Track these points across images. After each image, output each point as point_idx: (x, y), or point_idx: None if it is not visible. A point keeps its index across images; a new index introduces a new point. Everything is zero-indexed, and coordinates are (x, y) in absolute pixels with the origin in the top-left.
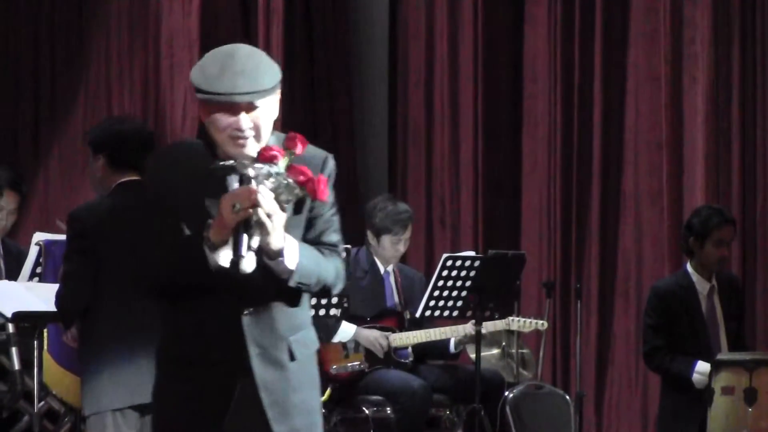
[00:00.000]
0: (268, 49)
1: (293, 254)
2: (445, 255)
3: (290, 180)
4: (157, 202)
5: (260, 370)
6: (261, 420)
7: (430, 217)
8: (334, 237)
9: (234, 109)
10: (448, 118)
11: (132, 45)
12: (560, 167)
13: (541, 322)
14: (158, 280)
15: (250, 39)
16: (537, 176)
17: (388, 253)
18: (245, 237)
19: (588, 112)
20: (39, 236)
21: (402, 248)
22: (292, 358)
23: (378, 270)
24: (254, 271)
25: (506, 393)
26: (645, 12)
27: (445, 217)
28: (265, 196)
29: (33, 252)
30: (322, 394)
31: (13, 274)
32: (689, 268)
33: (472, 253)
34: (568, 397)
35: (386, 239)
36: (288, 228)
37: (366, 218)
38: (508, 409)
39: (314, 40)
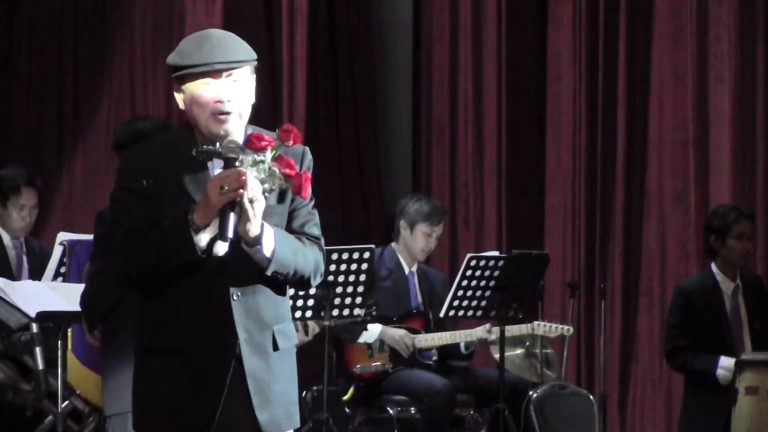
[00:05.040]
0: (291, 49)
1: (270, 242)
2: (469, 255)
3: (276, 170)
4: (138, 189)
5: (247, 355)
6: (246, 407)
7: (454, 217)
8: (315, 230)
9: (214, 78)
10: (471, 118)
11: (155, 44)
12: (584, 167)
13: (567, 327)
14: (144, 267)
15: (274, 39)
16: (561, 176)
17: (419, 246)
18: (232, 218)
19: (612, 112)
20: (63, 236)
21: (432, 244)
22: (276, 347)
23: (402, 270)
24: (237, 257)
25: (530, 393)
26: (669, 11)
27: (469, 217)
28: (252, 181)
29: (57, 252)
30: (345, 393)
31: (36, 273)
32: (714, 267)
33: (495, 253)
34: (592, 396)
35: (420, 229)
36: (270, 217)
37: (399, 212)
38: (532, 408)
39: (338, 40)
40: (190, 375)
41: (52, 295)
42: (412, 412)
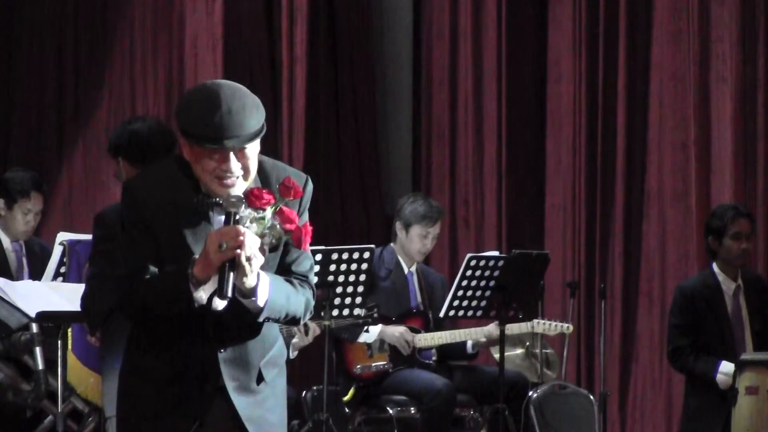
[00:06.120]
0: (291, 49)
1: (264, 292)
2: (469, 255)
3: (277, 224)
4: (141, 227)
5: (240, 401)
6: None
7: (454, 217)
8: (306, 264)
9: (222, 153)
10: (471, 118)
11: (156, 44)
12: (584, 167)
13: (567, 325)
14: (142, 311)
15: (274, 38)
16: (561, 176)
17: (415, 247)
18: (232, 276)
19: (612, 112)
20: (63, 236)
21: (429, 244)
22: (261, 380)
23: (402, 270)
24: (227, 308)
25: (530, 393)
26: (670, 12)
27: (469, 217)
28: (250, 239)
29: (57, 252)
30: (346, 393)
31: (37, 274)
32: (715, 267)
33: (495, 253)
34: (592, 396)
35: (415, 231)
36: (263, 264)
37: (396, 212)
38: (532, 408)
39: (338, 39)
40: (167, 401)
41: (52, 295)
42: (412, 412)
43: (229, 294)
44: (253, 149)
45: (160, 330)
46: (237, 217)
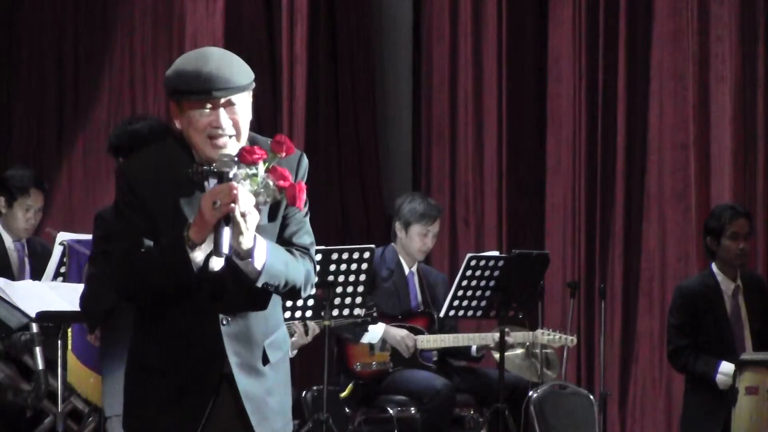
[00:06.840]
0: (291, 49)
1: (261, 255)
2: (469, 255)
3: (270, 182)
4: (137, 206)
5: (241, 378)
6: (243, 424)
7: (454, 216)
8: (306, 239)
9: (213, 105)
10: (472, 119)
11: (156, 44)
12: (584, 167)
13: (571, 338)
14: (141, 286)
15: (274, 38)
16: (561, 176)
17: (415, 246)
18: (227, 233)
19: (612, 112)
20: (63, 236)
21: (430, 243)
22: (266, 362)
23: (403, 270)
24: (226, 273)
25: (530, 393)
26: (670, 12)
27: (469, 217)
28: (244, 194)
29: (57, 252)
30: (344, 389)
31: (38, 273)
32: (714, 268)
33: (496, 253)
34: (592, 396)
35: (415, 230)
36: (261, 235)
37: (395, 212)
38: (532, 408)
39: (338, 39)
40: (174, 392)
41: (52, 295)
42: (412, 412)
43: (225, 251)
44: (242, 105)
45: (162, 306)
46: (230, 175)
